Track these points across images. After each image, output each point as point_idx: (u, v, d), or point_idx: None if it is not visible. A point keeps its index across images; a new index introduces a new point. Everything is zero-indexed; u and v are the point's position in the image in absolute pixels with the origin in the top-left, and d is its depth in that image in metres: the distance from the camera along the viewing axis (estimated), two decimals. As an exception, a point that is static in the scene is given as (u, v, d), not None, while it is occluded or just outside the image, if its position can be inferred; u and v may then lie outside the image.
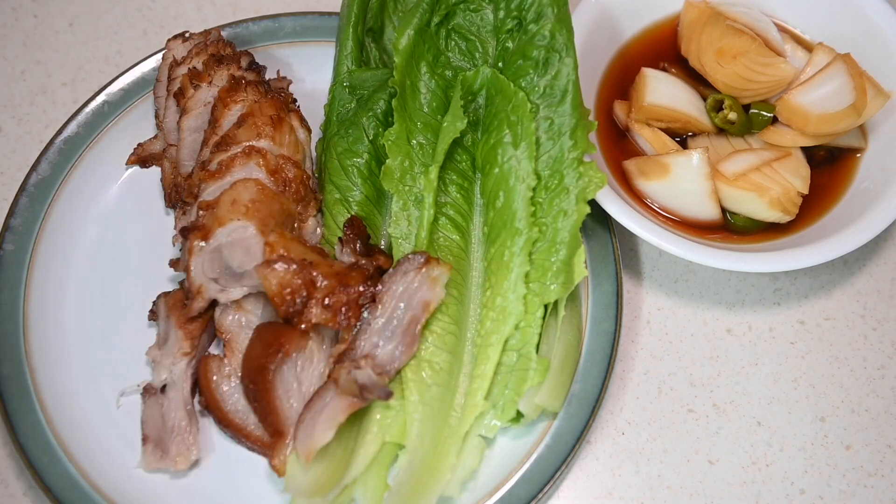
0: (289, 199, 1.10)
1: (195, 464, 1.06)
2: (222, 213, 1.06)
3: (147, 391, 1.07)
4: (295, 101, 1.21)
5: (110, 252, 1.20)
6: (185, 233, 1.10)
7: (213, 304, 1.10)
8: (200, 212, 1.09)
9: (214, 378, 1.07)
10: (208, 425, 1.09)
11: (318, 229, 1.14)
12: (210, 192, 1.10)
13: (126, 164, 1.25)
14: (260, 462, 1.07)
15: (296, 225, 1.12)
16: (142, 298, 1.15)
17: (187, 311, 1.08)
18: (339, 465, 1.00)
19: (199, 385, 1.07)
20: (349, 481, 1.00)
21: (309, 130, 1.19)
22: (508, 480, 1.03)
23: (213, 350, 1.13)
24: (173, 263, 1.12)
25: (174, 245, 1.19)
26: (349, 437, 1.02)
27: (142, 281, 1.17)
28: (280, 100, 1.16)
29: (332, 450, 1.00)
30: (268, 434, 1.03)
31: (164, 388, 1.06)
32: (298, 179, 1.11)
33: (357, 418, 1.02)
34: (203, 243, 1.06)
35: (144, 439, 1.05)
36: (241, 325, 1.09)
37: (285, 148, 1.13)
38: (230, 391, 1.07)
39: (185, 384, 1.07)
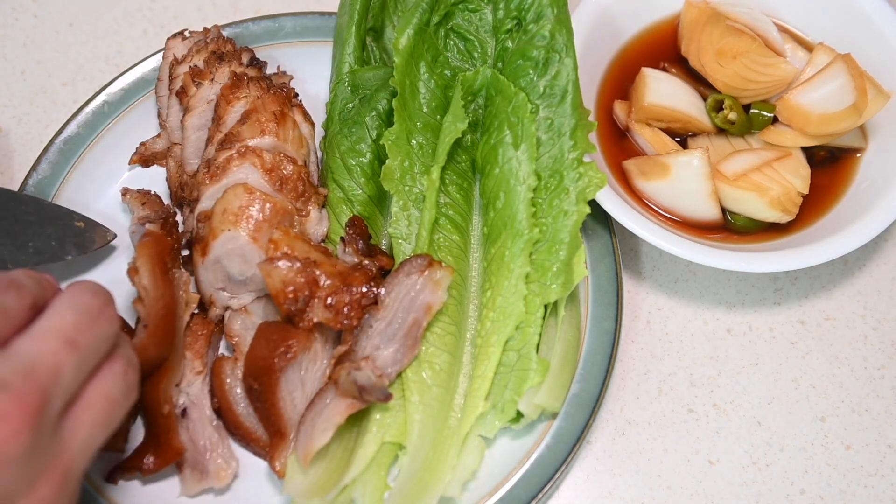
0: (285, 198, 1.10)
1: (236, 476, 1.05)
2: (215, 224, 1.07)
3: None
4: (297, 95, 1.21)
5: (111, 253, 1.20)
6: (189, 246, 1.12)
7: (204, 310, 1.12)
8: (199, 224, 1.10)
9: (228, 381, 1.07)
10: (208, 425, 1.09)
11: (324, 222, 1.14)
12: (208, 195, 1.10)
13: (129, 163, 1.25)
14: (259, 462, 1.07)
15: (297, 219, 1.11)
16: (143, 299, 1.14)
17: (206, 322, 1.09)
18: (339, 465, 1.00)
19: (213, 387, 1.07)
20: (348, 482, 1.00)
21: (312, 124, 1.19)
22: (508, 480, 1.03)
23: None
24: (185, 261, 1.14)
25: (182, 241, 1.19)
26: (349, 437, 1.02)
27: (142, 281, 1.17)
28: (282, 95, 1.16)
29: (332, 450, 1.00)
30: (268, 434, 1.03)
31: (184, 412, 1.05)
32: (296, 175, 1.11)
33: (357, 419, 1.02)
34: (203, 257, 1.07)
35: (179, 466, 1.04)
36: (246, 326, 1.09)
37: (289, 143, 1.13)
38: (243, 394, 1.06)
39: (205, 401, 1.06)
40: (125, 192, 1.19)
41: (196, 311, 1.12)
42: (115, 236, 1.18)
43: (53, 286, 0.85)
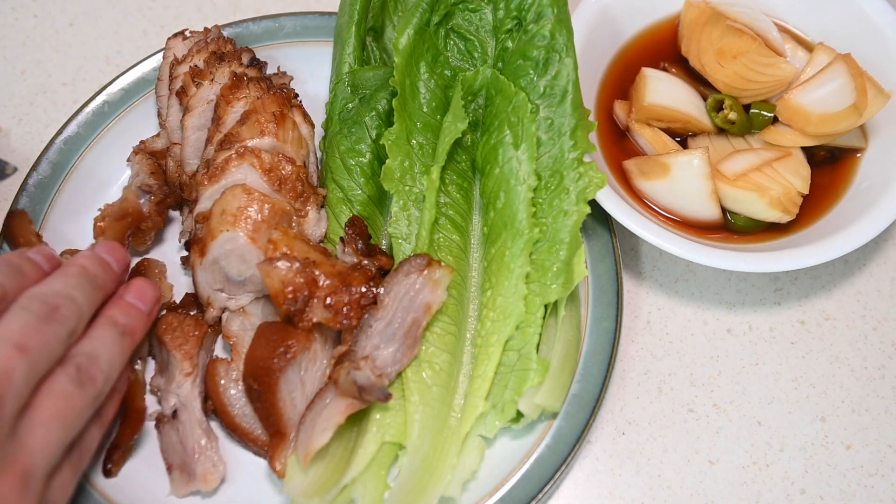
0: (284, 198, 1.10)
1: (224, 480, 1.05)
2: (213, 225, 1.07)
3: (159, 420, 1.06)
4: (297, 96, 1.21)
5: (110, 252, 1.21)
6: (188, 247, 1.12)
7: (199, 310, 1.12)
8: (197, 224, 1.10)
9: (222, 382, 1.06)
10: (208, 425, 1.09)
11: (322, 223, 1.14)
12: (207, 196, 1.10)
13: (128, 161, 1.24)
14: (259, 462, 1.07)
15: (295, 220, 1.11)
16: (142, 298, 1.14)
17: (200, 323, 1.09)
18: (339, 465, 1.00)
19: (207, 388, 1.07)
20: (348, 482, 1.00)
21: (312, 125, 1.19)
22: (508, 480, 1.03)
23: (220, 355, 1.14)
24: (184, 261, 1.16)
25: (180, 242, 1.19)
26: (349, 437, 1.02)
27: (142, 281, 1.17)
28: (282, 96, 1.16)
29: (332, 450, 1.00)
30: (268, 434, 1.03)
31: (175, 414, 1.05)
32: (295, 176, 1.11)
33: (357, 419, 1.02)
34: (201, 258, 1.07)
35: (169, 468, 1.04)
36: (244, 328, 1.09)
37: (289, 144, 1.13)
38: (237, 395, 1.06)
39: (195, 403, 1.06)
40: (137, 151, 1.20)
41: (193, 312, 1.12)
42: (14, 169, 1.17)
43: (36, 270, 0.91)
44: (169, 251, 1.21)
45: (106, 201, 1.22)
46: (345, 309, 1.02)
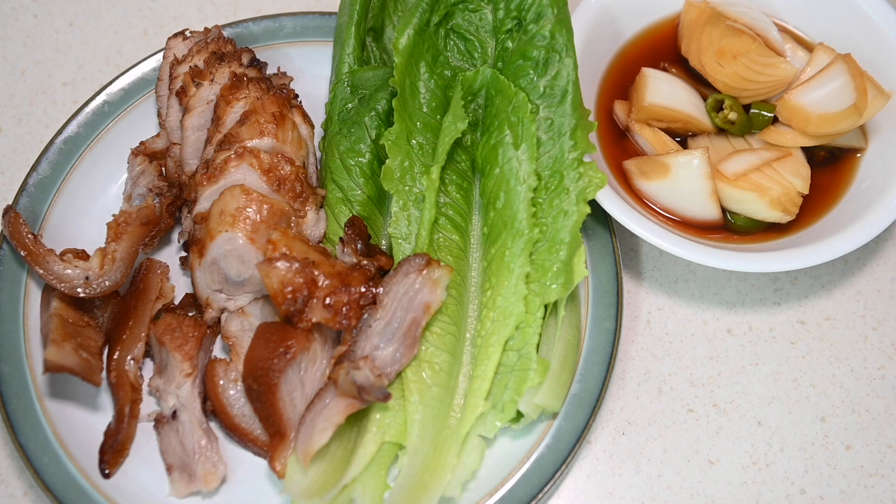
0: (283, 198, 1.10)
1: (224, 480, 1.05)
2: (212, 226, 1.07)
3: (158, 421, 1.07)
4: (297, 96, 1.21)
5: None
6: (187, 248, 1.12)
7: (198, 311, 1.12)
8: (196, 225, 1.10)
9: (221, 382, 1.06)
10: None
11: (321, 223, 1.14)
12: (206, 196, 1.10)
13: (128, 161, 1.24)
14: (259, 462, 1.07)
15: (293, 220, 1.11)
16: (142, 298, 1.14)
17: (199, 324, 1.09)
18: (339, 465, 1.00)
19: (206, 389, 1.07)
20: (348, 482, 1.00)
21: (312, 126, 1.20)
22: (508, 480, 1.03)
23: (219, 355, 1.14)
24: (182, 262, 1.16)
25: (179, 242, 1.19)
26: (349, 437, 1.02)
27: (142, 281, 1.17)
28: (282, 96, 1.16)
29: (332, 450, 1.00)
30: (268, 435, 1.03)
31: (174, 414, 1.05)
32: (294, 176, 1.11)
33: (357, 418, 1.02)
34: (200, 259, 1.07)
35: (169, 468, 1.04)
36: (243, 328, 1.09)
37: (288, 144, 1.13)
38: (237, 395, 1.06)
39: (195, 404, 1.06)
40: (137, 152, 1.20)
41: (192, 313, 1.12)
42: None
43: None
44: (169, 251, 1.21)
45: (106, 201, 1.23)
46: (344, 309, 1.02)
